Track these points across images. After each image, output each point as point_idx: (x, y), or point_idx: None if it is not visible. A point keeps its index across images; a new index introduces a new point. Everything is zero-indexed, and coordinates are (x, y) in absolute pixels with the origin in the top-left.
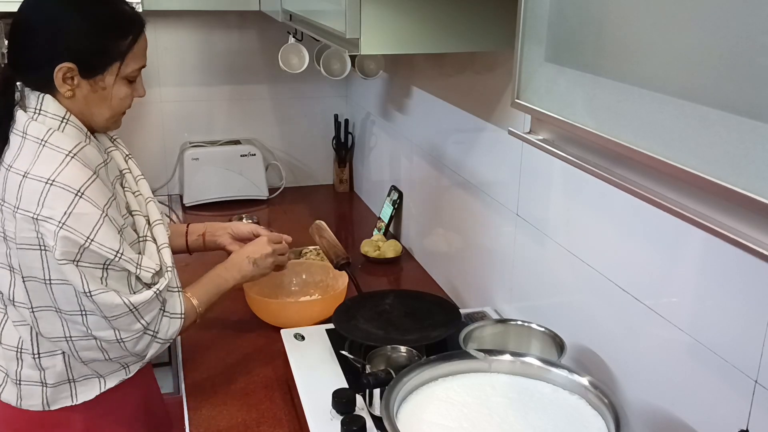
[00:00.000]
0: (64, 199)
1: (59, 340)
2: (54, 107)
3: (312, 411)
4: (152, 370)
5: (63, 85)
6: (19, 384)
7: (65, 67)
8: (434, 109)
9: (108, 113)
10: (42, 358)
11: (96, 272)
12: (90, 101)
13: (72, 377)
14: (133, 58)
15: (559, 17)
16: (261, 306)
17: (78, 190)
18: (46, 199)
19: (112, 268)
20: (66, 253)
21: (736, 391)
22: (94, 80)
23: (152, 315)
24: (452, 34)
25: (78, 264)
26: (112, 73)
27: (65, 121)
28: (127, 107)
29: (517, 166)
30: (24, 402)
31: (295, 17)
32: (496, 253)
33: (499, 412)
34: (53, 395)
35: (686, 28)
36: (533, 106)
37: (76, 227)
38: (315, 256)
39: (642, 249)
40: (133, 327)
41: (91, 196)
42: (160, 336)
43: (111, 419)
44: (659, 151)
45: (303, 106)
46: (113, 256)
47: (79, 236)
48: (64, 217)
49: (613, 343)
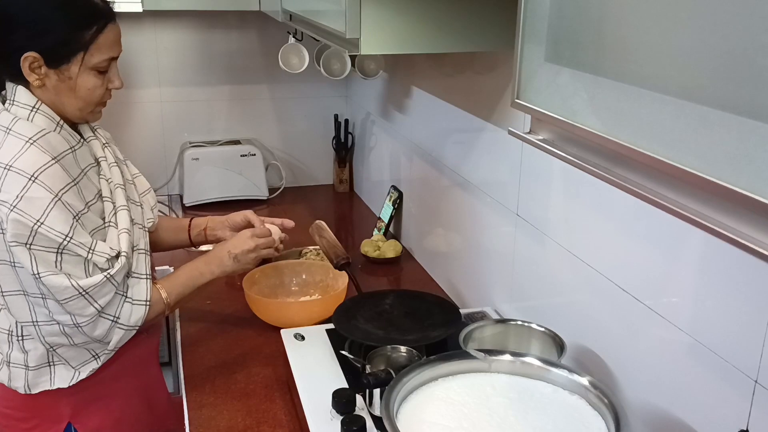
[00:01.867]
0: (18, 183)
1: (28, 324)
2: (25, 97)
3: (312, 411)
4: (159, 367)
5: (31, 74)
6: (9, 365)
7: (30, 56)
8: (434, 109)
9: (77, 103)
10: (25, 341)
11: (49, 256)
12: (59, 91)
13: (52, 361)
14: (98, 48)
15: (559, 17)
16: (260, 306)
17: (32, 175)
18: (3, 184)
19: (67, 253)
20: (16, 235)
21: (736, 391)
22: (59, 70)
23: (107, 299)
24: (452, 34)
25: (30, 247)
26: (76, 63)
27: (35, 110)
28: (100, 98)
29: (517, 166)
30: (12, 383)
31: (295, 17)
32: (496, 253)
33: (499, 412)
34: (34, 379)
35: (686, 28)
36: (533, 106)
37: (27, 210)
38: (315, 256)
39: (642, 249)
40: (87, 311)
41: (45, 181)
42: (122, 322)
43: (100, 404)
44: (659, 151)
45: (303, 106)
46: (62, 239)
47: (28, 219)
48: (15, 200)
49: (613, 343)
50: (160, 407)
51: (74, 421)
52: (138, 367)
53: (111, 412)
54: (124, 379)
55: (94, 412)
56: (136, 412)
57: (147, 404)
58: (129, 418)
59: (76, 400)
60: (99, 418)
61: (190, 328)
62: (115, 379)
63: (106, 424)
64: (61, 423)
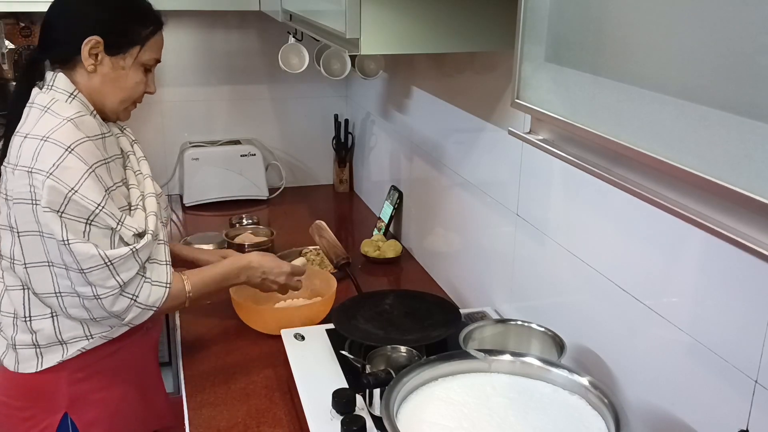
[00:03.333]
0: (55, 153)
1: (50, 296)
2: (64, 83)
3: (312, 411)
4: (158, 366)
5: (88, 59)
6: (15, 348)
7: (93, 40)
8: (434, 109)
9: (121, 95)
10: (33, 321)
11: (79, 225)
12: (107, 80)
13: (61, 339)
14: (151, 47)
15: (559, 17)
16: (242, 310)
17: (68, 146)
18: (40, 154)
19: (95, 225)
20: (51, 202)
21: (736, 391)
22: (115, 58)
23: (129, 275)
24: (452, 34)
25: (62, 215)
26: (131, 56)
27: (72, 96)
28: (139, 97)
29: (517, 166)
30: (21, 366)
31: (295, 17)
32: (496, 253)
33: (499, 412)
34: (46, 354)
35: (686, 28)
36: (533, 106)
37: (62, 178)
38: (315, 256)
39: (642, 249)
40: (108, 283)
41: (81, 153)
42: (140, 301)
43: (97, 397)
44: (659, 151)
45: (303, 106)
46: (95, 207)
47: (63, 186)
48: (52, 168)
49: (613, 343)
50: (157, 405)
51: (71, 411)
52: (137, 363)
53: (107, 405)
54: (122, 374)
55: (91, 404)
56: (132, 407)
57: (144, 401)
58: (125, 413)
59: (74, 391)
60: (96, 410)
61: (191, 327)
62: (113, 374)
63: (102, 418)
64: (57, 413)
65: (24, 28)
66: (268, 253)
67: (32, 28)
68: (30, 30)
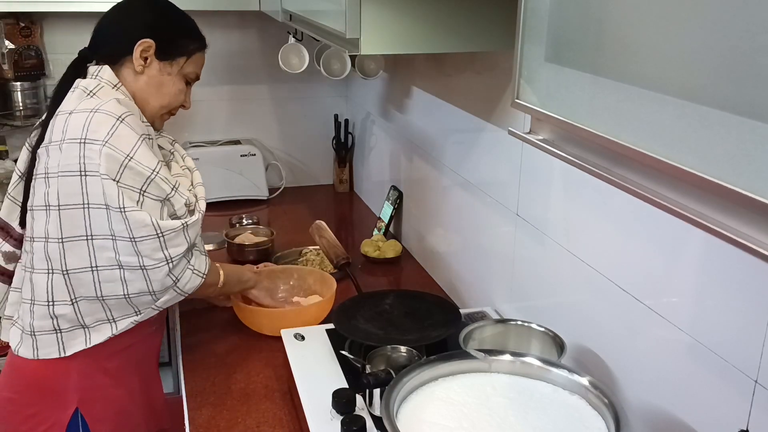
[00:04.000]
0: (107, 123)
1: (85, 270)
2: (109, 75)
3: (312, 411)
4: (158, 366)
5: (138, 59)
6: (33, 335)
7: (147, 42)
8: (434, 109)
9: (162, 100)
10: (56, 306)
11: (134, 195)
12: (152, 83)
13: (84, 323)
14: (195, 61)
15: (559, 17)
16: (242, 311)
17: (119, 117)
18: (91, 124)
19: (148, 195)
20: (109, 170)
21: (736, 391)
22: (163, 64)
23: (177, 251)
24: (452, 34)
25: (119, 183)
26: (178, 64)
27: (116, 88)
28: (177, 105)
29: (517, 166)
30: (41, 352)
31: (295, 17)
32: (496, 253)
33: (499, 412)
34: (68, 340)
35: (686, 28)
36: (533, 106)
37: (117, 145)
38: (315, 256)
39: (642, 249)
40: (157, 255)
41: (131, 123)
42: (179, 285)
43: (105, 394)
44: (659, 151)
45: (303, 106)
46: (150, 173)
47: (119, 153)
48: (107, 137)
49: (613, 343)
50: (156, 405)
51: (82, 406)
52: (141, 362)
53: (113, 403)
54: (127, 372)
55: (99, 401)
56: (136, 406)
57: (146, 400)
58: (129, 411)
59: (86, 385)
60: (102, 407)
61: (191, 327)
62: (121, 371)
63: (109, 415)
64: (67, 410)
65: (24, 28)
66: (272, 282)
67: (32, 28)
68: (30, 30)
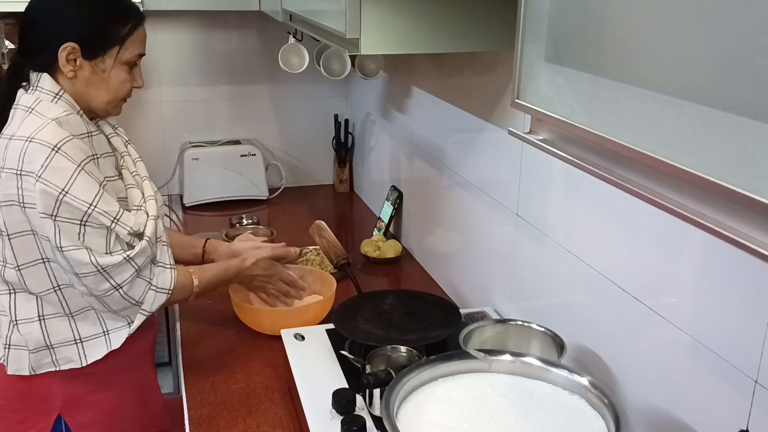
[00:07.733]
0: (42, 154)
1: (48, 292)
2: (49, 84)
3: (312, 411)
4: (155, 367)
5: (66, 65)
6: (9, 348)
7: (69, 46)
8: (434, 109)
9: (107, 96)
10: (20, 325)
11: (73, 228)
12: (90, 83)
13: (50, 343)
14: (132, 44)
15: (559, 17)
16: (242, 310)
17: (54, 146)
18: (26, 155)
19: (90, 225)
20: (45, 206)
21: (736, 391)
22: (94, 62)
23: (124, 276)
24: (452, 34)
25: (55, 218)
26: (111, 56)
27: (57, 97)
28: (126, 94)
29: (517, 166)
30: (11, 367)
31: (295, 17)
32: (496, 253)
33: (499, 412)
34: (36, 361)
35: (686, 28)
36: (533, 106)
37: (52, 180)
38: (315, 256)
39: (642, 249)
40: (102, 286)
41: (68, 152)
42: (144, 307)
43: (92, 399)
44: (659, 151)
45: (303, 106)
46: (87, 207)
47: (54, 188)
48: (41, 170)
49: (613, 343)
50: (153, 407)
51: (64, 413)
52: (133, 364)
53: (102, 407)
54: (117, 375)
55: (85, 407)
56: (129, 409)
57: (141, 403)
58: (121, 414)
59: (68, 393)
60: (90, 412)
61: (190, 327)
62: (109, 374)
63: (97, 419)
64: (51, 416)
65: None
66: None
67: None
68: None
